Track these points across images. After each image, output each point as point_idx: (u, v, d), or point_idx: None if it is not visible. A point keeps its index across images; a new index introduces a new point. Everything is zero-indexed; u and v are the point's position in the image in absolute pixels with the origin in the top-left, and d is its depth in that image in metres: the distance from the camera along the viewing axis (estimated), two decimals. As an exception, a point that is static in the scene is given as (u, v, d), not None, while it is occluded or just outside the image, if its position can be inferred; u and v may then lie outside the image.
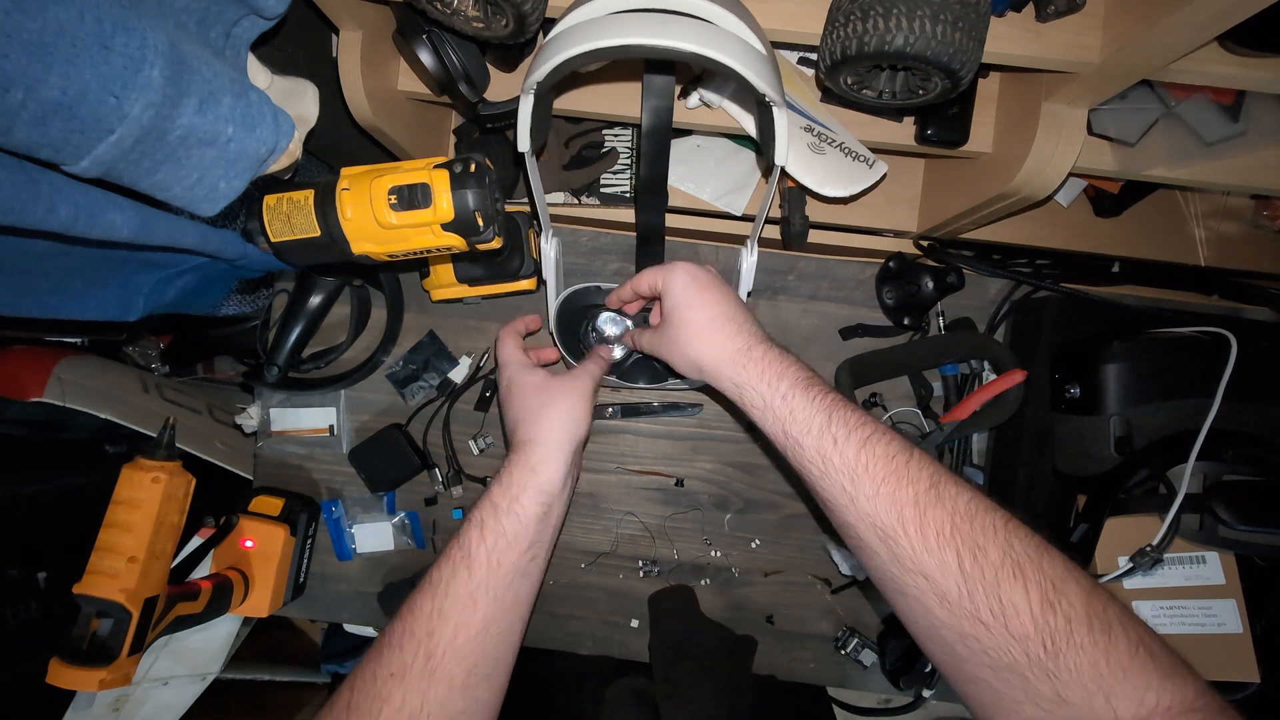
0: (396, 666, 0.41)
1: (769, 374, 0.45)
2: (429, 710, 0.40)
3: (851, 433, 0.41)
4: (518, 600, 0.47)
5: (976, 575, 0.35)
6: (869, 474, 0.40)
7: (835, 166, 0.59)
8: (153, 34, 0.33)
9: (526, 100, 0.45)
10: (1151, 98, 0.54)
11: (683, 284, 0.50)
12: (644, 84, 0.52)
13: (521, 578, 0.47)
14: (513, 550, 0.46)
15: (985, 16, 0.40)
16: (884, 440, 0.41)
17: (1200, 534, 0.55)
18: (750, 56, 0.40)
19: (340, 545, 0.75)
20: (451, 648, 0.42)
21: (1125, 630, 0.33)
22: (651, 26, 0.39)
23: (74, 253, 0.45)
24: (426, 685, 0.41)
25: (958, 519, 0.37)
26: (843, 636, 0.72)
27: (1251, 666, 0.56)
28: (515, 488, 0.48)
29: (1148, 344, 0.60)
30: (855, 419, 0.42)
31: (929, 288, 0.68)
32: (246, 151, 0.40)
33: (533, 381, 0.55)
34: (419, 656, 0.42)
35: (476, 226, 0.45)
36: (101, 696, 0.68)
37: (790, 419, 0.43)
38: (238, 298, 0.67)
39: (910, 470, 0.39)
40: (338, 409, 0.73)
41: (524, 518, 0.47)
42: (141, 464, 0.57)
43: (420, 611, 0.44)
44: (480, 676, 0.43)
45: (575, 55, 0.40)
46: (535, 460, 0.50)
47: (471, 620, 0.44)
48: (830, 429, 0.42)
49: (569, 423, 0.52)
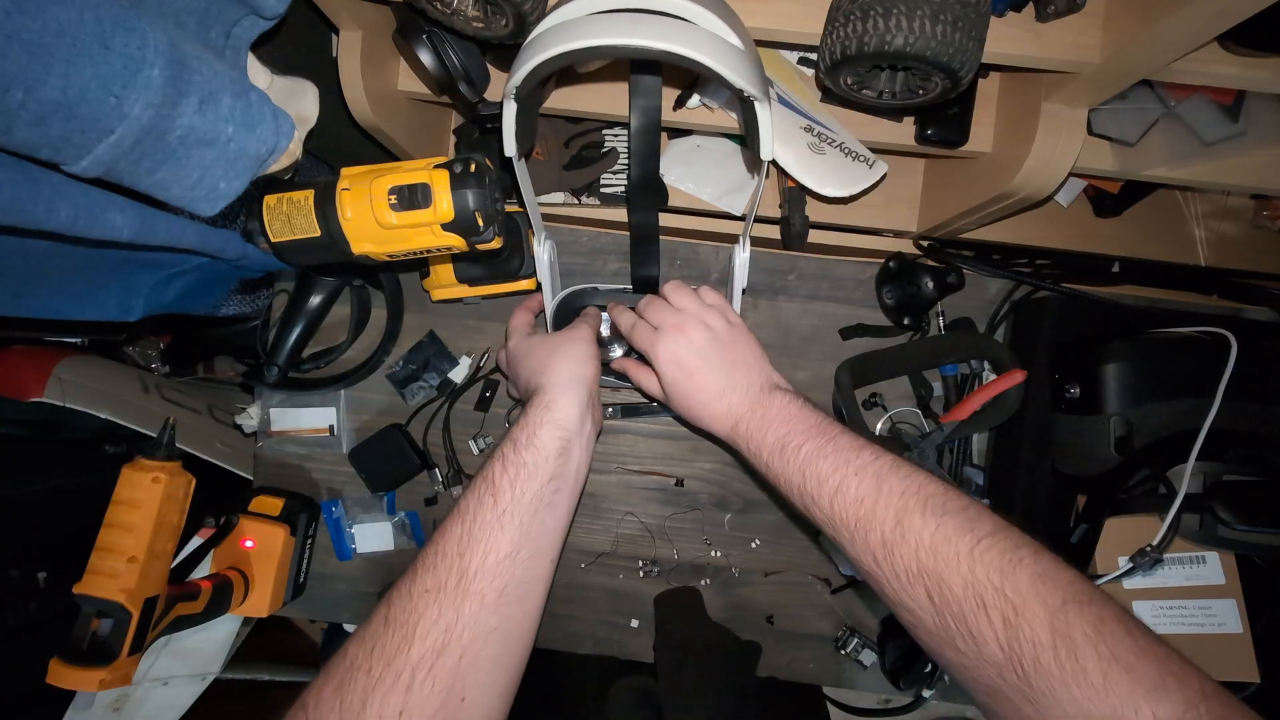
0: (431, 583, 0.42)
1: (752, 446, 0.50)
2: (464, 624, 0.41)
3: (823, 486, 0.44)
4: (544, 529, 0.48)
5: (945, 608, 0.37)
6: (844, 524, 0.43)
7: (835, 166, 0.59)
8: (153, 34, 0.33)
9: (510, 105, 0.45)
10: (1151, 98, 0.54)
11: (671, 376, 0.54)
12: (631, 84, 0.52)
13: (547, 508, 0.48)
14: (535, 480, 0.48)
15: (985, 16, 0.40)
16: (852, 486, 0.43)
17: (1200, 534, 0.55)
18: (727, 53, 0.40)
19: (340, 545, 0.75)
20: (483, 568, 0.44)
21: (1095, 648, 0.32)
22: (626, 26, 0.39)
23: (74, 253, 0.45)
24: (461, 600, 0.42)
25: (922, 555, 0.39)
26: (843, 636, 0.72)
27: (1251, 666, 0.56)
28: (533, 424, 0.50)
29: (1148, 344, 0.60)
30: (827, 469, 0.45)
31: (929, 288, 0.68)
32: (246, 151, 0.40)
33: (536, 339, 0.58)
34: (452, 574, 0.43)
35: (476, 226, 0.45)
36: (101, 696, 0.68)
37: (778, 481, 0.49)
38: (238, 298, 0.67)
39: (877, 511, 0.41)
40: (338, 409, 0.73)
41: (544, 450, 0.49)
42: (141, 464, 0.57)
43: (451, 535, 0.45)
44: (512, 597, 0.44)
45: (550, 57, 0.40)
46: (549, 399, 0.52)
47: (500, 543, 0.45)
48: (807, 488, 0.45)
49: (576, 363, 0.54)
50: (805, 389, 0.73)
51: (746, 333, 0.56)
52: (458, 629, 0.41)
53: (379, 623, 0.41)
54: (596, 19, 0.40)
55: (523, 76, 0.42)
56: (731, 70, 0.40)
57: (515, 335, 0.61)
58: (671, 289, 0.57)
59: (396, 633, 0.40)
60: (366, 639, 0.41)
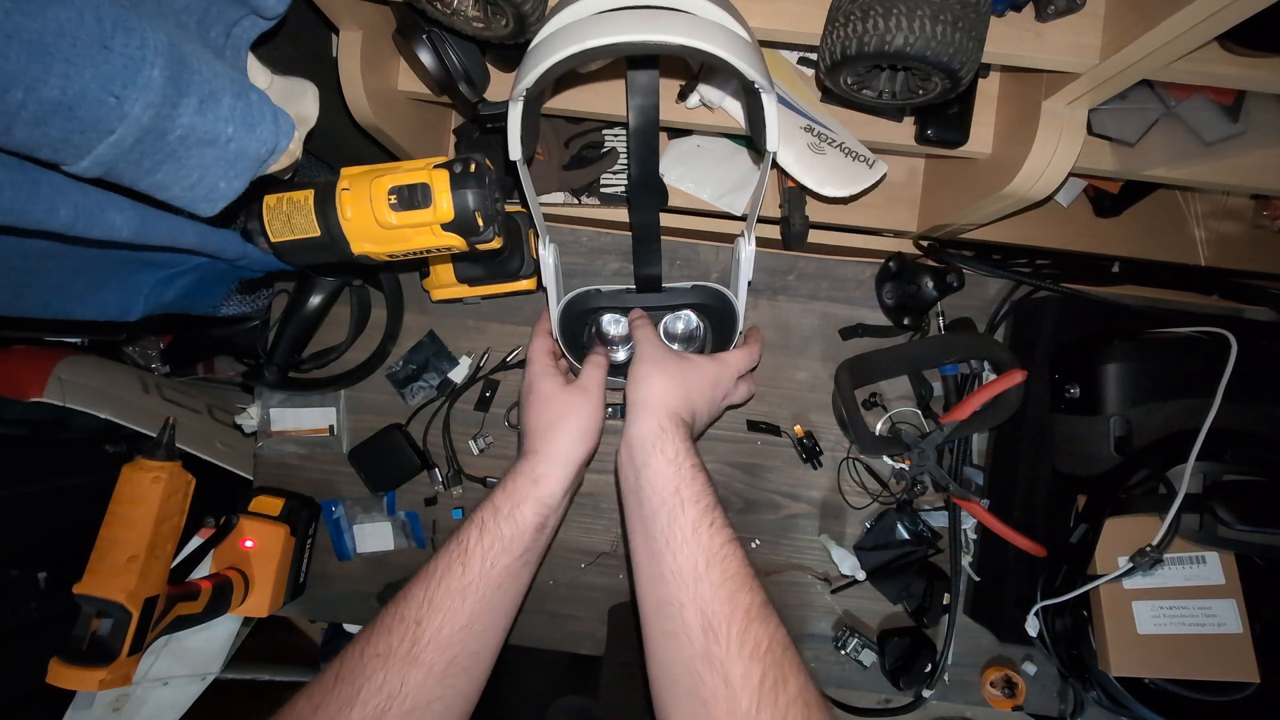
0: (383, 648, 0.43)
1: (689, 445, 0.51)
2: (406, 692, 0.42)
3: (726, 527, 0.46)
4: (505, 600, 0.49)
5: (770, 700, 0.38)
6: (722, 565, 0.43)
7: (835, 166, 0.59)
8: (153, 34, 0.33)
9: (516, 108, 0.45)
10: (1151, 98, 0.54)
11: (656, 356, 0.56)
12: (628, 82, 0.52)
13: (512, 580, 0.49)
14: (507, 554, 0.49)
15: (985, 16, 0.40)
16: (741, 548, 0.45)
17: (1200, 534, 0.55)
18: (734, 44, 0.41)
19: (340, 545, 0.75)
20: (437, 638, 0.44)
21: None
22: (637, 23, 0.39)
23: (74, 253, 0.46)
24: (407, 669, 0.43)
25: (774, 644, 0.40)
26: (842, 636, 0.72)
27: (1251, 666, 0.56)
28: (517, 495, 0.51)
29: (1148, 344, 0.60)
30: (725, 520, 0.46)
31: (929, 288, 0.68)
32: (246, 151, 0.40)
33: (547, 391, 0.57)
34: (405, 641, 0.44)
35: (476, 226, 0.45)
36: (101, 696, 0.68)
37: (688, 484, 0.48)
38: (238, 298, 0.67)
39: (754, 582, 0.43)
40: (338, 409, 0.73)
41: (522, 525, 0.50)
42: (141, 464, 0.57)
43: (413, 599, 0.46)
44: (460, 668, 0.45)
45: (563, 59, 0.40)
46: (540, 473, 0.52)
47: (459, 614, 0.46)
48: (713, 511, 0.46)
49: (576, 439, 0.54)
50: (805, 389, 0.74)
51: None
52: (400, 696, 0.42)
53: (329, 679, 0.43)
54: (606, 17, 0.40)
55: (535, 78, 0.42)
56: (742, 60, 0.40)
57: (533, 367, 0.59)
58: None
59: (342, 692, 0.42)
60: (315, 694, 0.42)
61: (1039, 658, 0.71)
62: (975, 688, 0.71)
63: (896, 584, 0.71)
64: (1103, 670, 0.58)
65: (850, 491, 0.73)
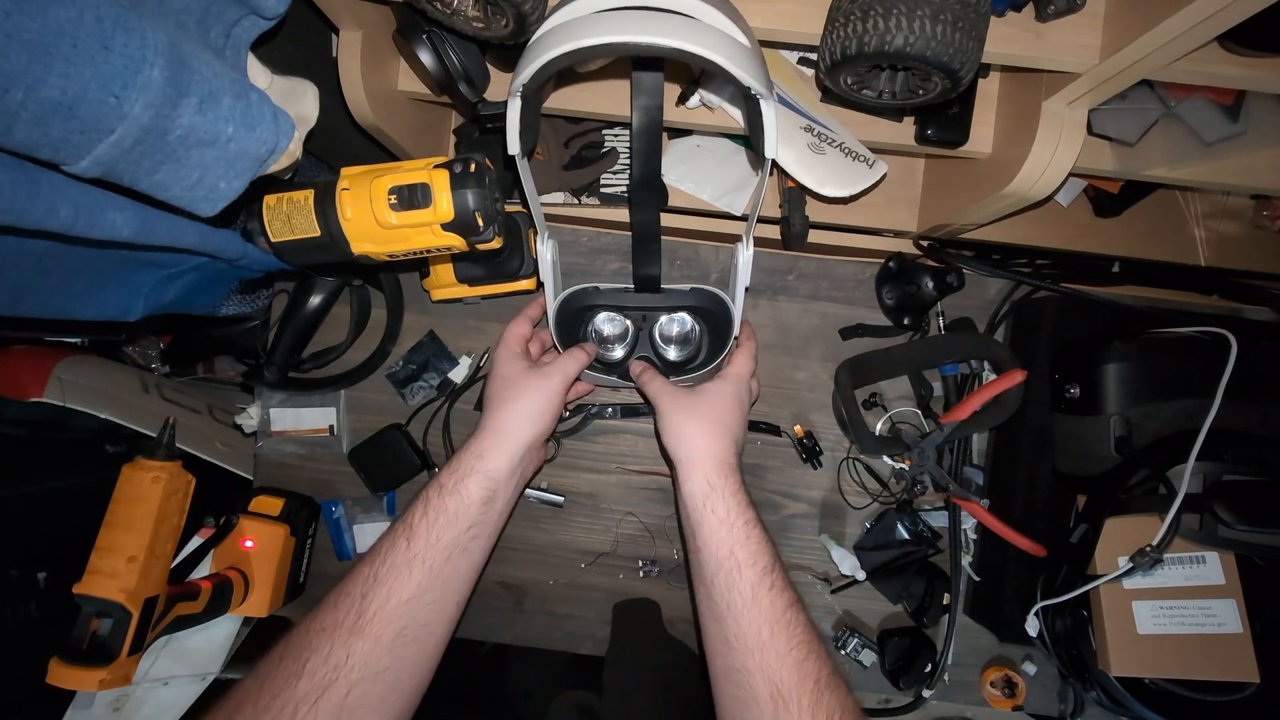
0: (329, 622, 0.44)
1: (741, 497, 0.51)
2: (353, 663, 0.42)
3: (787, 588, 0.47)
4: (456, 573, 0.49)
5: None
6: (787, 633, 0.44)
7: (835, 166, 0.59)
8: (153, 34, 0.33)
9: (514, 103, 0.45)
10: (1151, 98, 0.54)
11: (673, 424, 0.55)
12: (632, 82, 0.52)
13: (461, 554, 0.50)
14: (452, 528, 0.49)
15: (985, 16, 0.40)
16: (804, 611, 0.46)
17: (1200, 534, 0.55)
18: (733, 50, 0.40)
19: (340, 545, 0.75)
20: (383, 610, 0.45)
21: None
22: (634, 23, 0.39)
23: (74, 253, 0.46)
24: (354, 640, 0.43)
25: (845, 713, 0.41)
26: (842, 636, 0.72)
27: (1251, 666, 0.56)
28: (462, 470, 0.52)
29: (1148, 344, 0.60)
30: (786, 580, 0.47)
31: (929, 288, 0.68)
32: (246, 151, 0.40)
33: (506, 373, 0.57)
34: (350, 614, 0.44)
35: (476, 226, 0.45)
36: (101, 696, 0.68)
37: (743, 545, 0.49)
38: (238, 298, 0.67)
39: (821, 649, 0.44)
40: (338, 409, 0.73)
41: (467, 499, 0.50)
42: (141, 464, 0.57)
43: (359, 576, 0.47)
44: (409, 639, 0.45)
45: (559, 55, 0.40)
46: (485, 447, 0.53)
47: (405, 586, 0.46)
48: (773, 573, 0.47)
49: (525, 419, 0.54)
50: (805, 389, 0.74)
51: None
52: (346, 667, 0.42)
53: (276, 656, 0.43)
54: (605, 16, 0.40)
55: (531, 74, 0.42)
56: (740, 67, 0.40)
57: (501, 348, 0.60)
58: None
59: (288, 667, 0.42)
60: (260, 671, 0.42)
61: (1039, 658, 0.71)
62: (975, 688, 0.71)
63: (896, 584, 0.71)
64: (1103, 670, 0.58)
65: (850, 491, 0.73)
